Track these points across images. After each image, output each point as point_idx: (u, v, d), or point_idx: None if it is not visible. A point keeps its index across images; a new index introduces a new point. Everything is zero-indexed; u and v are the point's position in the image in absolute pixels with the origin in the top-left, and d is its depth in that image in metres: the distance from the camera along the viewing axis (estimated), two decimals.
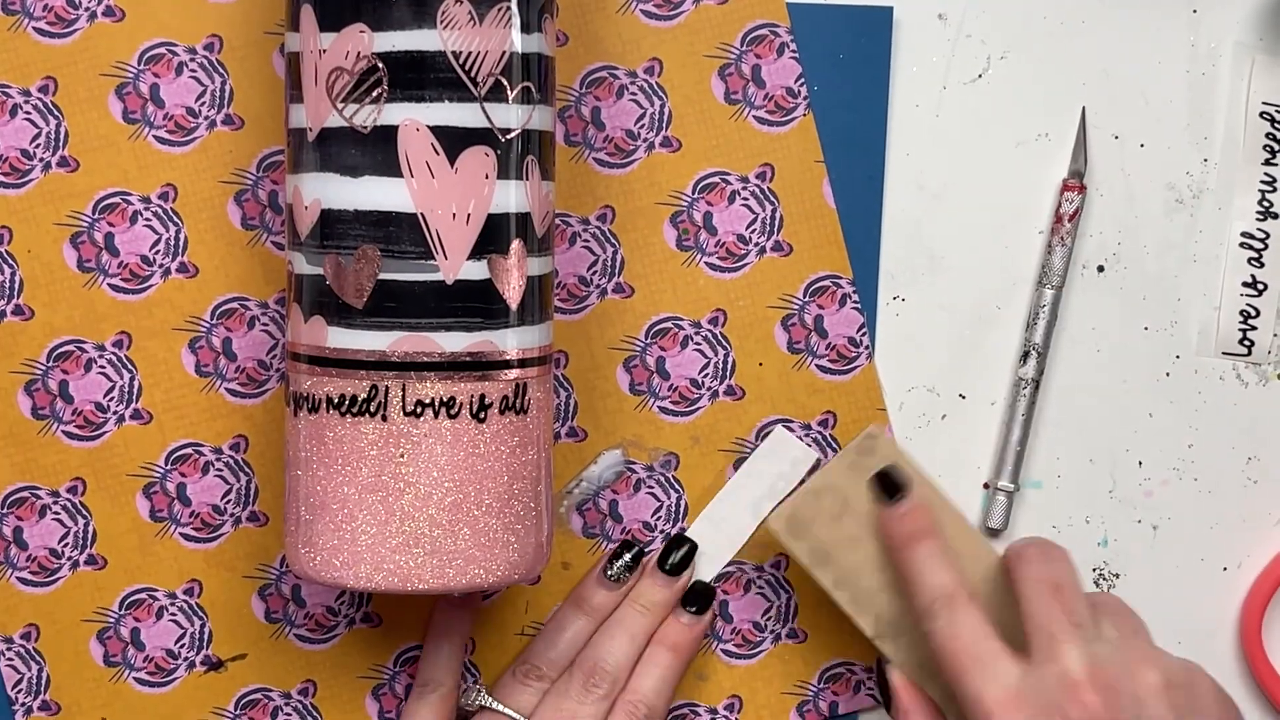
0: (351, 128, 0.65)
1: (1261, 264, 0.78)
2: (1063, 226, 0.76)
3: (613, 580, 0.75)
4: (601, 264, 0.76)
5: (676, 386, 0.77)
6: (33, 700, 0.76)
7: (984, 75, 0.77)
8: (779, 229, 0.77)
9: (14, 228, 0.75)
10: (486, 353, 0.66)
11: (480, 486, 0.66)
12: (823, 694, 0.78)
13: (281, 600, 0.76)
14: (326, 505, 0.66)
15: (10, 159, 0.75)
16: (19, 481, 0.75)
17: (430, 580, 0.66)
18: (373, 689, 0.77)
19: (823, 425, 0.77)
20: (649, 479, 0.77)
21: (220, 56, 0.75)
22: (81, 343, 0.75)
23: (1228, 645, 0.79)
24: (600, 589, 0.75)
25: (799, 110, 0.76)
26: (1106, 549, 0.78)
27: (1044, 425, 0.78)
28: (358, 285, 0.66)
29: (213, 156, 0.75)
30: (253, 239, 0.76)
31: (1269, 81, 0.77)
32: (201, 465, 0.76)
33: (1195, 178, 0.78)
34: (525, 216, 0.67)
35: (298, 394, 0.67)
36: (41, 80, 0.74)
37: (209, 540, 0.76)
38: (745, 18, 0.76)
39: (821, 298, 0.77)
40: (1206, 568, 0.79)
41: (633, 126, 0.76)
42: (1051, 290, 0.76)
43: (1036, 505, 0.78)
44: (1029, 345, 0.77)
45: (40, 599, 0.75)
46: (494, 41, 0.65)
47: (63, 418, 0.75)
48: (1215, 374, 0.78)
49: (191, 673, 0.76)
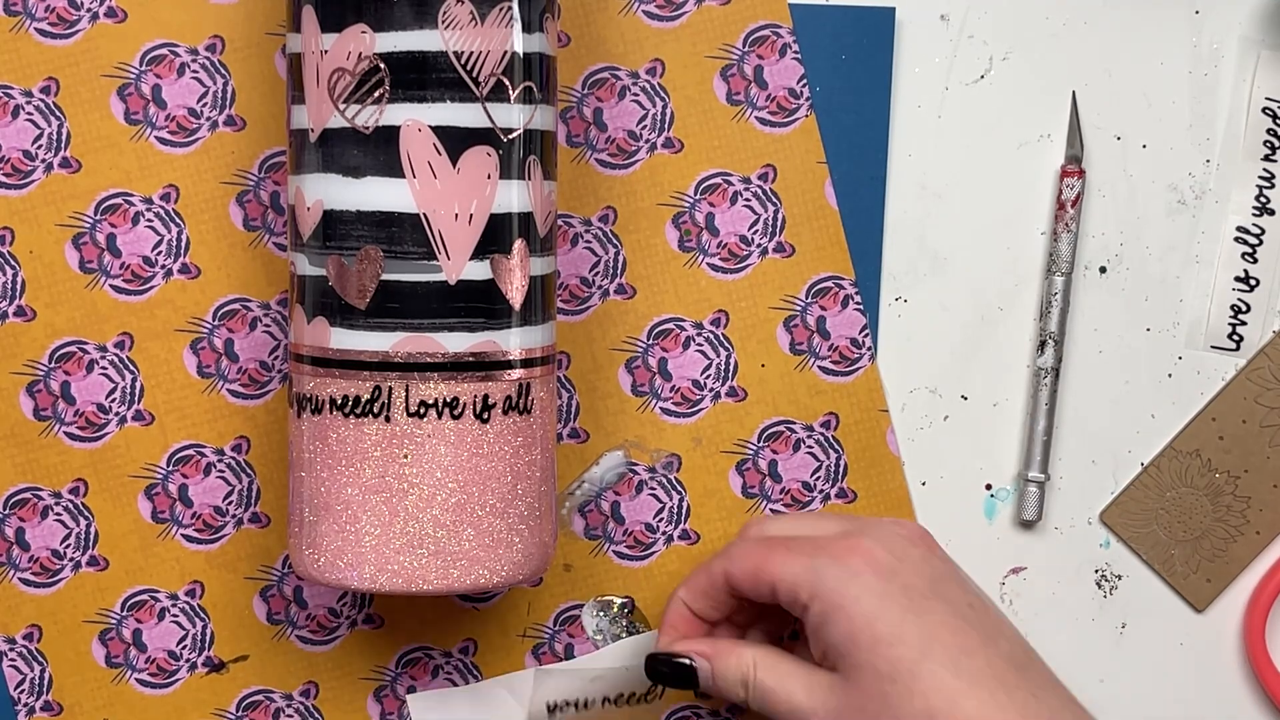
0: (353, 128, 0.65)
1: (1255, 259, 0.78)
2: (1066, 213, 0.76)
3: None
4: (603, 265, 0.76)
5: (678, 388, 0.77)
6: (35, 701, 0.75)
7: (986, 76, 0.77)
8: (781, 230, 0.77)
9: (16, 229, 0.75)
10: (489, 353, 0.66)
11: (484, 487, 0.66)
12: None
13: (283, 601, 0.76)
14: (330, 506, 0.66)
15: (12, 160, 0.74)
16: (21, 482, 0.75)
17: (434, 581, 0.66)
18: (374, 691, 0.77)
19: (825, 426, 0.77)
20: (651, 480, 0.77)
21: (222, 57, 0.75)
22: (83, 344, 0.75)
23: (1231, 647, 0.79)
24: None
25: (801, 111, 0.76)
26: (1108, 550, 0.78)
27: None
28: (360, 286, 0.66)
29: (215, 157, 0.75)
30: (255, 240, 0.76)
31: (1273, 77, 0.77)
32: (203, 466, 0.76)
33: (1197, 179, 0.78)
34: (528, 216, 0.67)
35: (301, 395, 0.67)
36: (43, 81, 0.74)
37: (211, 541, 0.76)
38: (747, 18, 0.76)
39: (824, 299, 0.77)
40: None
41: (635, 127, 0.76)
42: (1061, 278, 0.76)
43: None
44: (1045, 335, 0.77)
45: (42, 600, 0.75)
46: (495, 41, 0.65)
47: (64, 419, 0.75)
48: (1218, 374, 0.78)
49: (193, 674, 0.76)
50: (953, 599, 0.68)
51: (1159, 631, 0.78)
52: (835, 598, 0.67)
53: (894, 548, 0.68)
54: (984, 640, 0.67)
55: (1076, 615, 0.78)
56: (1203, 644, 0.78)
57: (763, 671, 0.69)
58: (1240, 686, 0.79)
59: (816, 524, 0.72)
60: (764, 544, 0.70)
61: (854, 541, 0.68)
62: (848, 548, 0.68)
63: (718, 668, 0.70)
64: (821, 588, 0.67)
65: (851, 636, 0.66)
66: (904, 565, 0.68)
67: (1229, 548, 0.78)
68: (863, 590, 0.67)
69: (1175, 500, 0.78)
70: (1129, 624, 0.78)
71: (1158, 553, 0.78)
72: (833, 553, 0.68)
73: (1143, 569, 0.78)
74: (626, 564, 0.77)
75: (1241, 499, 0.77)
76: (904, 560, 0.68)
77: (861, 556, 0.68)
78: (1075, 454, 0.78)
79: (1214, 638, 0.79)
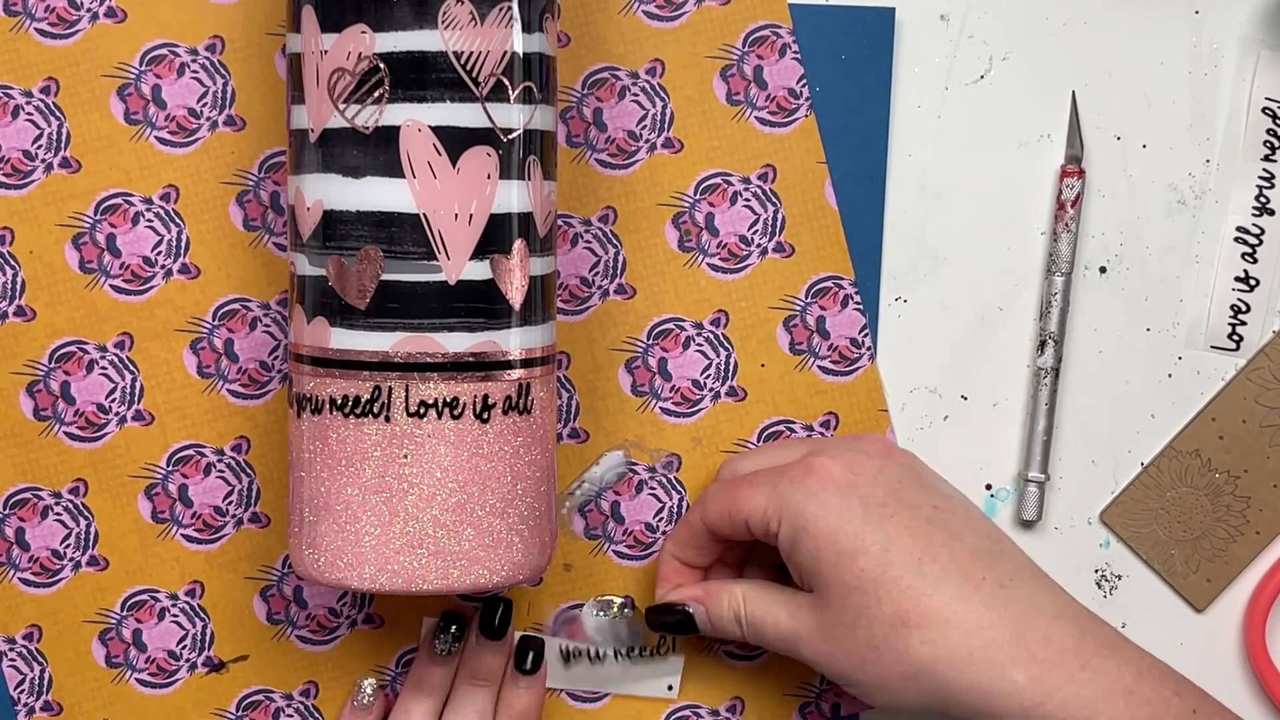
0: (353, 128, 0.65)
1: (1255, 259, 0.78)
2: (1065, 213, 0.76)
3: (443, 654, 0.74)
4: (603, 265, 0.76)
5: (678, 388, 0.77)
6: (35, 701, 0.75)
7: (986, 76, 0.77)
8: (781, 230, 0.77)
9: (16, 229, 0.75)
10: (489, 353, 0.66)
11: (484, 487, 0.66)
12: (825, 695, 0.78)
13: (283, 601, 0.76)
14: (330, 506, 0.66)
15: (12, 160, 0.74)
16: (21, 482, 0.75)
17: (434, 581, 0.66)
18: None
19: (825, 426, 0.77)
20: (651, 480, 0.77)
21: (222, 57, 0.75)
22: (83, 344, 0.75)
23: (1231, 647, 0.78)
24: (434, 666, 0.74)
25: (801, 111, 0.76)
26: (1109, 550, 0.78)
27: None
28: (360, 286, 0.66)
29: (214, 157, 0.75)
30: (254, 240, 0.76)
31: (1273, 77, 0.77)
32: (203, 466, 0.76)
33: (1197, 179, 0.78)
34: (527, 216, 0.67)
35: (301, 395, 0.67)
36: (43, 81, 0.74)
37: (211, 541, 0.76)
38: (747, 18, 0.76)
39: (823, 299, 0.77)
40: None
41: (634, 127, 0.76)
42: (1061, 278, 0.76)
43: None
44: (1045, 335, 0.77)
45: (42, 600, 0.75)
46: (495, 42, 0.65)
47: (64, 419, 0.75)
48: (1218, 374, 0.78)
49: (193, 674, 0.76)
50: (914, 502, 0.70)
51: (1159, 631, 0.78)
52: (798, 520, 0.69)
53: (851, 463, 0.70)
54: (947, 538, 0.69)
55: None
56: (1203, 644, 0.78)
57: (750, 604, 0.72)
58: (1240, 686, 0.79)
59: (781, 453, 0.74)
60: (731, 484, 0.72)
61: (810, 462, 0.70)
62: (804, 468, 0.70)
63: (711, 610, 0.73)
64: (785, 512, 0.70)
65: (816, 555, 0.69)
66: (860, 478, 0.70)
67: (1229, 548, 0.78)
68: (821, 508, 0.69)
69: (1175, 500, 0.78)
70: (1129, 624, 0.78)
71: (1158, 553, 0.78)
72: (791, 476, 0.70)
73: (1143, 569, 0.78)
74: (626, 564, 0.77)
75: (1241, 499, 0.77)
76: (860, 473, 0.70)
77: (817, 476, 0.70)
78: (1075, 454, 0.78)
79: (1214, 638, 0.79)
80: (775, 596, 0.71)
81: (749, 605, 0.72)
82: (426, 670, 0.74)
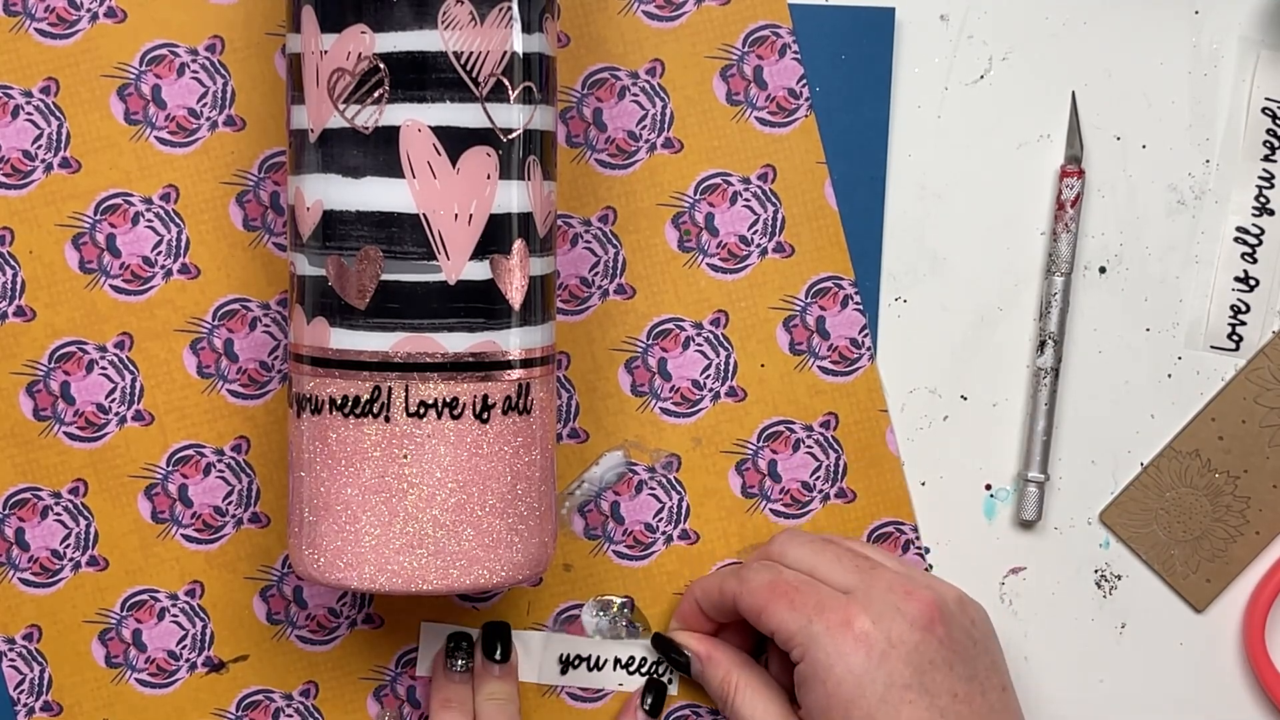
0: (353, 128, 0.65)
1: (1255, 260, 0.78)
2: (1065, 213, 0.76)
3: (459, 671, 0.75)
4: (603, 265, 0.76)
5: (678, 388, 0.77)
6: (35, 701, 0.75)
7: (986, 76, 0.77)
8: (781, 230, 0.77)
9: (15, 229, 0.75)
10: (489, 353, 0.66)
11: (484, 487, 0.66)
12: None
13: (283, 601, 0.76)
14: (330, 506, 0.66)
15: (12, 160, 0.74)
16: (21, 483, 0.75)
17: (434, 581, 0.66)
18: (374, 690, 0.77)
19: (824, 427, 0.77)
20: (651, 480, 0.77)
21: (222, 58, 0.75)
22: (83, 344, 0.75)
23: (1231, 647, 0.79)
24: (453, 685, 0.75)
25: (801, 111, 0.76)
26: (1108, 550, 0.78)
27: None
28: (360, 286, 0.66)
29: (214, 157, 0.75)
30: (254, 240, 0.76)
31: (1273, 77, 0.77)
32: (203, 466, 0.76)
33: (1197, 179, 0.78)
34: (527, 216, 0.67)
35: (300, 395, 0.67)
36: (43, 81, 0.74)
37: (210, 542, 0.76)
38: (747, 19, 0.76)
39: (823, 299, 0.77)
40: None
41: (634, 127, 0.76)
42: (1061, 278, 0.76)
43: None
44: (1044, 335, 0.77)
45: (42, 600, 0.75)
46: (495, 42, 0.65)
47: (64, 419, 0.75)
48: (1217, 375, 0.78)
49: (193, 674, 0.76)
50: (935, 690, 0.69)
51: (1159, 631, 0.78)
52: (821, 670, 0.69)
53: (892, 629, 0.69)
54: None
55: (1076, 615, 0.78)
56: (1202, 644, 0.78)
57: (740, 697, 0.73)
58: (1240, 686, 0.79)
59: (833, 567, 0.72)
60: (771, 589, 0.71)
61: (852, 614, 0.69)
62: (843, 621, 0.69)
63: (706, 672, 0.74)
64: (810, 654, 0.69)
65: (825, 708, 0.69)
66: (895, 651, 0.69)
67: (1229, 548, 0.78)
68: (845, 673, 0.68)
69: (1175, 500, 0.78)
70: (1129, 624, 0.78)
71: (1157, 553, 0.78)
72: (829, 622, 0.69)
73: (1142, 569, 0.78)
74: (626, 564, 0.77)
75: (1241, 499, 0.77)
76: (897, 645, 0.69)
77: (854, 636, 0.69)
78: (1075, 454, 0.78)
79: (1214, 638, 0.79)
80: (767, 705, 0.72)
81: (739, 696, 0.73)
82: (447, 689, 0.75)
